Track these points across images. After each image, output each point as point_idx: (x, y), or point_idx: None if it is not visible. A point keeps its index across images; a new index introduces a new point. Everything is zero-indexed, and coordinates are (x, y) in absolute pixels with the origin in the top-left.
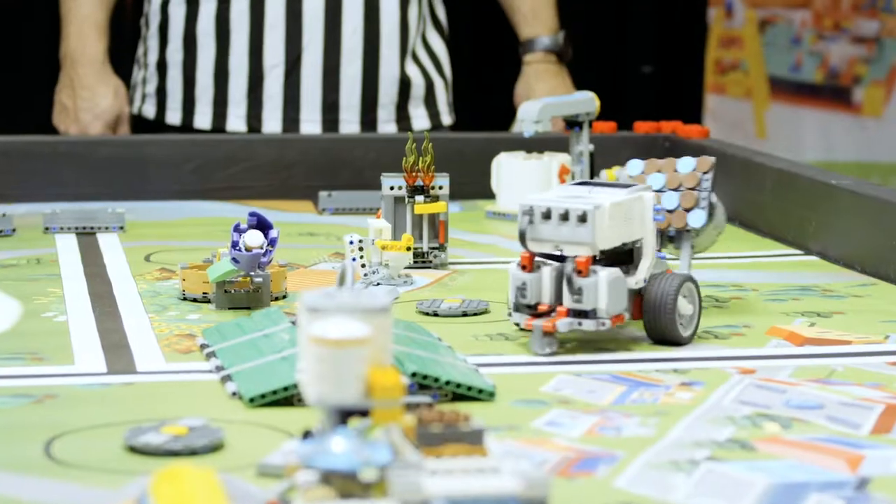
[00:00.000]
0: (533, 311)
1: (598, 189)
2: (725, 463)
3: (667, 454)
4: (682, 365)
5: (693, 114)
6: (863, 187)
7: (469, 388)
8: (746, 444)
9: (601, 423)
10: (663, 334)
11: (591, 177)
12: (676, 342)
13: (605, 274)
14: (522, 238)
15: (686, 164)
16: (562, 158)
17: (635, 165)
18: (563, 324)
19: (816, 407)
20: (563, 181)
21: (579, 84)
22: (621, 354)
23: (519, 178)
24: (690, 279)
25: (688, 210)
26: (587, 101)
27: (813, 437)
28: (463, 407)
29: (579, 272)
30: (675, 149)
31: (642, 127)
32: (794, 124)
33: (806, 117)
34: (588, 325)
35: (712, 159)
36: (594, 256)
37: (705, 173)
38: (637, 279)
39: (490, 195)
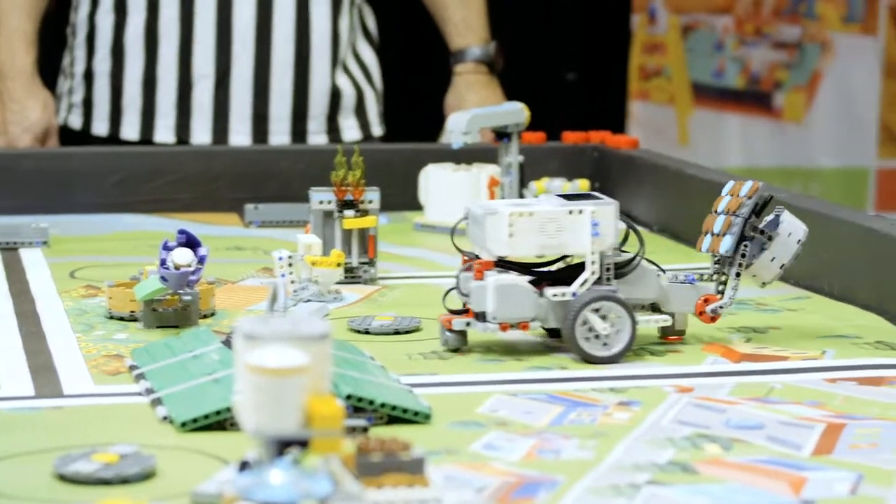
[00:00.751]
0: (462, 308)
1: (549, 200)
2: (667, 487)
3: (607, 478)
4: (619, 384)
5: (617, 121)
6: (795, 199)
7: (405, 411)
8: (688, 467)
9: (539, 446)
10: (569, 348)
11: (520, 189)
12: (585, 359)
13: (494, 279)
14: (451, 235)
15: (746, 187)
16: (491, 170)
17: (727, 185)
18: (457, 322)
19: (757, 427)
20: (492, 193)
21: (505, 92)
22: (557, 373)
23: (447, 189)
24: (611, 298)
25: (723, 235)
26: (516, 112)
27: (754, 458)
28: (398, 430)
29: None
30: (604, 159)
31: (571, 137)
32: (716, 130)
33: (728, 123)
34: (477, 326)
35: (754, 184)
36: (494, 261)
37: (749, 198)
38: (565, 291)
39: (418, 207)
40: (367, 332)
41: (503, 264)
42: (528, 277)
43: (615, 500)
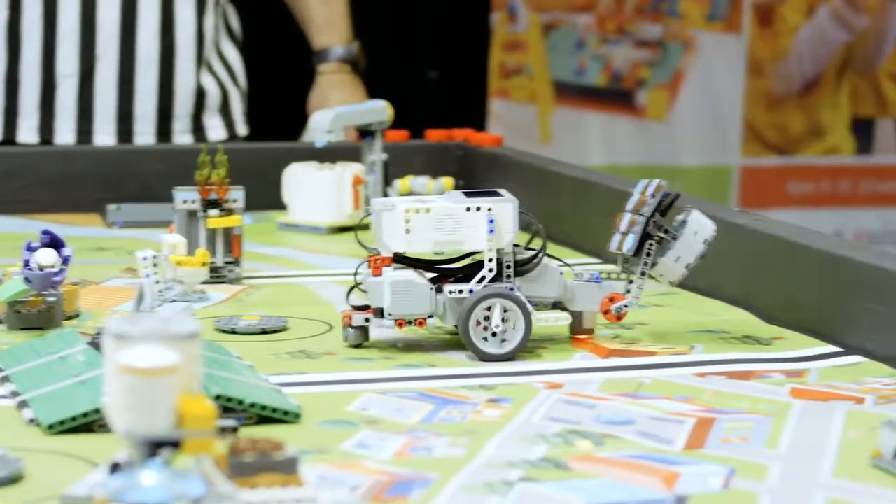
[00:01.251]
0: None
1: (451, 196)
2: (540, 483)
3: (480, 475)
4: (489, 381)
5: (478, 119)
6: None
7: (274, 410)
8: (560, 463)
9: (411, 444)
10: (465, 345)
11: (384, 187)
12: (480, 356)
13: (390, 275)
14: (356, 232)
15: (652, 186)
16: (354, 168)
17: (638, 185)
18: (356, 318)
19: (627, 422)
20: (356, 191)
21: (368, 91)
22: (426, 371)
23: (311, 188)
24: (505, 295)
25: (627, 234)
26: (379, 110)
27: (626, 454)
28: (268, 429)
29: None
30: (467, 157)
31: (434, 135)
32: (578, 128)
33: (590, 121)
34: (374, 322)
35: (658, 183)
36: (393, 257)
37: (653, 197)
38: (462, 288)
39: (283, 206)
40: (233, 332)
41: (405, 261)
42: (429, 274)
43: (489, 497)
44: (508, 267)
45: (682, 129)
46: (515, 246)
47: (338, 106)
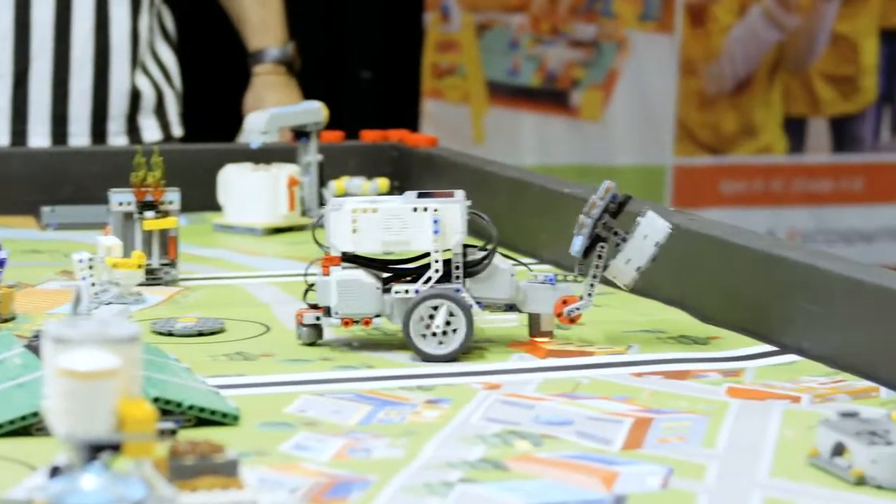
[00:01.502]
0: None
1: (395, 198)
2: (480, 484)
3: (420, 477)
4: (427, 382)
5: (412, 119)
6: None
7: (212, 413)
8: (499, 464)
9: (350, 446)
10: (407, 344)
11: (320, 188)
12: (420, 356)
13: (337, 274)
14: (312, 231)
15: (602, 188)
16: (290, 169)
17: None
18: (307, 317)
19: (566, 422)
20: (291, 193)
21: (303, 92)
22: (363, 372)
23: (246, 189)
24: (448, 296)
25: (577, 236)
26: (314, 111)
27: (565, 454)
28: (206, 432)
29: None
30: (403, 158)
31: (369, 136)
32: (512, 128)
33: (524, 121)
34: (323, 320)
35: (608, 184)
36: (340, 256)
37: (602, 199)
38: (408, 288)
39: (218, 207)
40: (170, 334)
41: (358, 261)
42: (379, 274)
43: (429, 498)
44: (457, 268)
45: (616, 129)
46: (469, 247)
47: (273, 107)
